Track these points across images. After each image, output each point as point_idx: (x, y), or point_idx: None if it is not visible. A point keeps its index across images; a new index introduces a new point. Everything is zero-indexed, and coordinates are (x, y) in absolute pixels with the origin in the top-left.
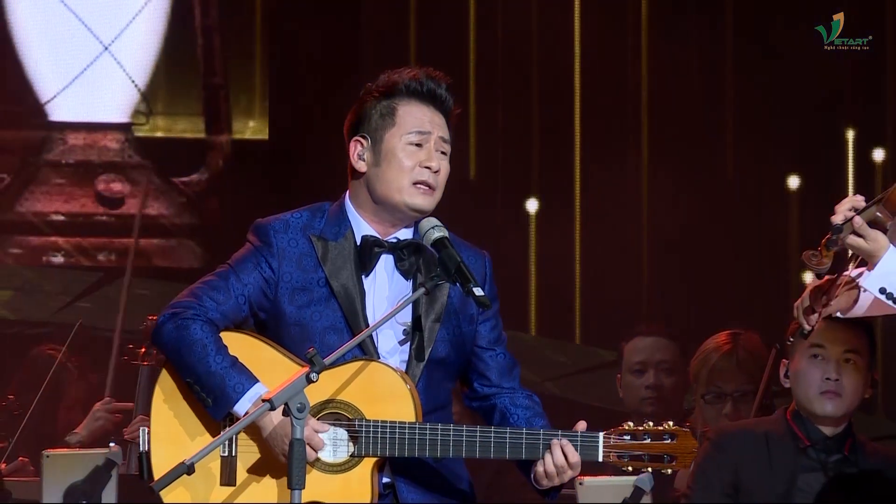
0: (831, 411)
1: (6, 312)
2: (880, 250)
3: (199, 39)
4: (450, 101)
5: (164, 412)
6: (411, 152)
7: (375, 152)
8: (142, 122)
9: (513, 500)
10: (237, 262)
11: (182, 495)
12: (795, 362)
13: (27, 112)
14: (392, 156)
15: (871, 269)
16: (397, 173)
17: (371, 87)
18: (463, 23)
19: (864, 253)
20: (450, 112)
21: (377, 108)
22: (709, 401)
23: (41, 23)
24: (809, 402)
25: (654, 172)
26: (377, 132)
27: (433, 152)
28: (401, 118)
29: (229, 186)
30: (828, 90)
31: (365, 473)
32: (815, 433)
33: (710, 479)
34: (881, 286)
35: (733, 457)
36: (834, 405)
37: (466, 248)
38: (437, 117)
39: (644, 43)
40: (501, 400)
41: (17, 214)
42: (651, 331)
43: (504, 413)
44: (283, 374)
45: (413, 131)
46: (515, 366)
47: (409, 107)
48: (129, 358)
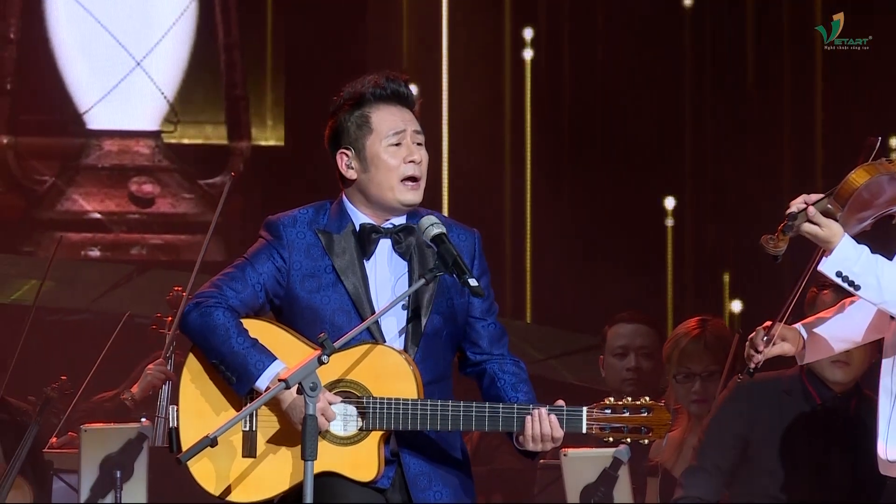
0: (840, 378)
1: (48, 301)
2: (835, 237)
3: (222, 55)
4: (412, 96)
5: (192, 391)
6: (393, 152)
7: (361, 160)
8: (170, 130)
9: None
10: (252, 255)
11: (207, 466)
12: None
13: (67, 121)
14: (378, 160)
15: (828, 254)
16: (386, 174)
17: (340, 101)
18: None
19: (819, 239)
20: (414, 104)
21: (351, 119)
22: (679, 380)
23: (80, 41)
24: (822, 368)
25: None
26: (358, 142)
27: (412, 146)
28: (376, 124)
29: (249, 188)
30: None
31: (372, 445)
32: (825, 392)
33: (722, 426)
34: (837, 270)
35: (746, 408)
36: (843, 373)
37: (457, 227)
38: (406, 113)
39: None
40: (491, 366)
41: (58, 213)
42: (632, 318)
43: (493, 377)
44: (298, 356)
45: (390, 134)
46: (504, 335)
47: (379, 112)
48: (157, 326)
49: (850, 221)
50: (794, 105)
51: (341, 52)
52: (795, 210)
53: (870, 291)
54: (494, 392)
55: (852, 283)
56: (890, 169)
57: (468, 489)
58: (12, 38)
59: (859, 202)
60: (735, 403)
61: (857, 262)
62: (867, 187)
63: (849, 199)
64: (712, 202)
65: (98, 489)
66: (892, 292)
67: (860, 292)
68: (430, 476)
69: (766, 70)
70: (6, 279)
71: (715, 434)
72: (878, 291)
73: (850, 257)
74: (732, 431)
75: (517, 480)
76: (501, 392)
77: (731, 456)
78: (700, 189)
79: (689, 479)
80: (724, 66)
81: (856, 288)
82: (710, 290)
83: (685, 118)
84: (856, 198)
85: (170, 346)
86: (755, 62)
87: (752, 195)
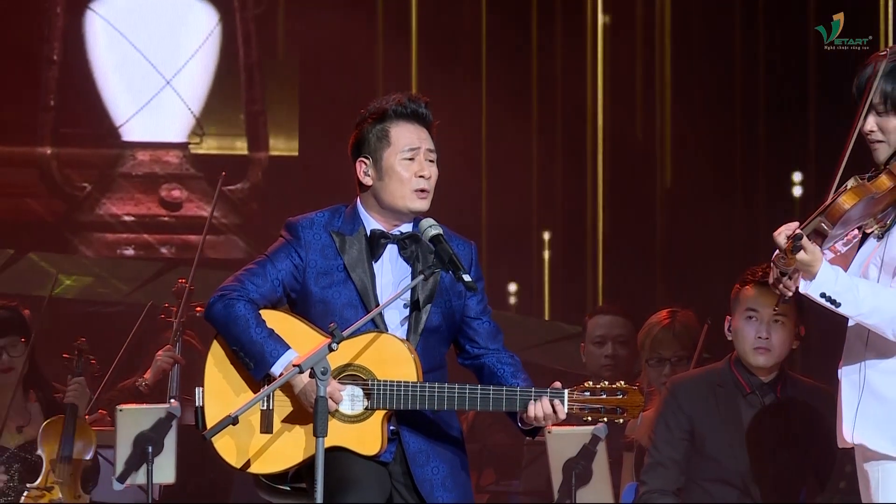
0: (763, 363)
1: (87, 295)
2: (817, 262)
3: (243, 74)
4: (430, 116)
5: (215, 375)
6: (406, 166)
7: (377, 169)
8: (196, 142)
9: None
10: (272, 253)
11: (228, 441)
12: (735, 321)
13: (104, 134)
14: (392, 171)
15: (810, 279)
16: (398, 185)
17: (365, 114)
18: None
19: (803, 263)
20: (431, 125)
21: (373, 131)
22: (652, 365)
23: (116, 62)
24: (746, 354)
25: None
26: (376, 153)
27: (424, 162)
28: (394, 139)
29: (267, 193)
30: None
31: (376, 423)
32: (753, 380)
33: (669, 424)
34: (822, 291)
35: (685, 404)
36: (765, 358)
37: (456, 239)
38: (422, 132)
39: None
40: (489, 359)
41: (96, 216)
42: (610, 310)
43: (492, 369)
44: (310, 344)
45: (405, 149)
46: (499, 332)
47: (398, 128)
48: (164, 316)
49: (833, 236)
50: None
51: (350, 73)
52: (783, 241)
53: (849, 307)
54: (496, 381)
55: (834, 301)
56: (871, 190)
57: (463, 464)
58: (55, 59)
59: (843, 221)
60: (675, 401)
61: (836, 282)
62: (854, 208)
63: (839, 219)
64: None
65: (132, 463)
66: (867, 305)
67: (840, 309)
68: (429, 453)
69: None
70: (49, 275)
71: (663, 431)
72: (855, 306)
73: (830, 278)
74: (677, 427)
75: (506, 456)
76: (503, 380)
77: (681, 448)
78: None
79: (649, 475)
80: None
81: (836, 305)
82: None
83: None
84: (844, 218)
85: (177, 332)
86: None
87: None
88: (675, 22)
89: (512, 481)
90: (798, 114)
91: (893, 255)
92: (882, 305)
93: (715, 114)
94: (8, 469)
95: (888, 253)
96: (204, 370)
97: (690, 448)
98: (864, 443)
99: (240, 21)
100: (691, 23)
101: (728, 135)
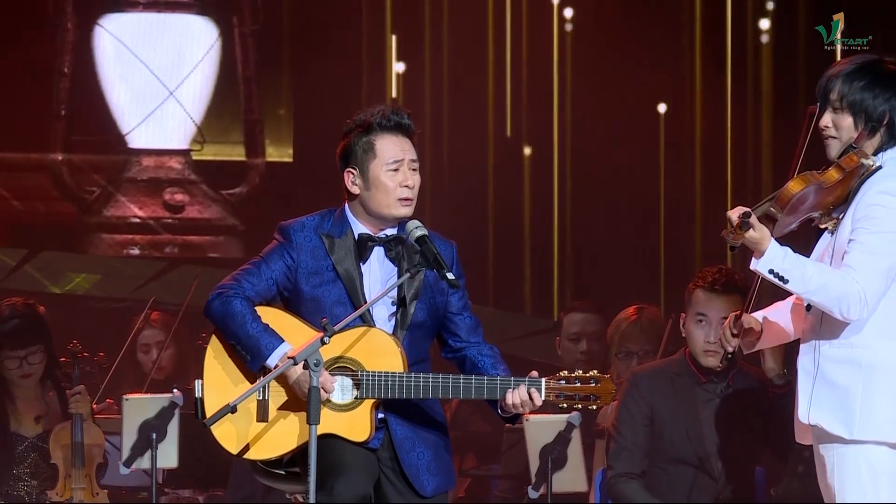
0: (712, 364)
1: (96, 291)
2: (765, 240)
3: (241, 86)
4: (412, 127)
5: (214, 367)
6: (391, 176)
7: (364, 179)
8: (198, 149)
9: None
10: (266, 254)
11: (228, 429)
12: (687, 322)
13: (112, 141)
14: (378, 181)
15: (759, 256)
16: (384, 195)
17: (352, 125)
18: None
19: (752, 240)
20: (413, 135)
21: (359, 143)
22: (620, 358)
23: (123, 74)
24: (697, 355)
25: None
26: (363, 164)
27: (407, 172)
28: (379, 151)
29: (263, 197)
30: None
31: (365, 411)
32: (707, 371)
33: (631, 412)
34: (770, 267)
35: (646, 393)
36: (714, 360)
37: (439, 239)
38: (406, 143)
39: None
40: (470, 351)
41: (104, 218)
42: (584, 307)
43: (473, 361)
44: (303, 337)
45: (390, 161)
46: (479, 325)
47: (383, 140)
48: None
49: (784, 222)
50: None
51: (340, 84)
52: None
53: (796, 284)
54: (477, 372)
55: (782, 277)
56: (818, 179)
57: (447, 449)
58: (66, 71)
59: (792, 207)
60: (636, 390)
61: (784, 259)
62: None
63: (787, 203)
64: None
65: (137, 449)
66: (813, 283)
67: (788, 285)
68: (414, 439)
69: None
70: (61, 273)
71: (626, 418)
72: (802, 283)
73: (777, 256)
74: (639, 413)
75: (487, 442)
76: (483, 371)
77: (643, 433)
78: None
79: (616, 459)
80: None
81: (784, 282)
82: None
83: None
84: (792, 203)
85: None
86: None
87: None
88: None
89: (492, 466)
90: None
91: (842, 241)
92: (828, 283)
93: (706, 115)
94: (24, 459)
95: (838, 242)
96: (203, 362)
97: (651, 433)
98: (820, 423)
99: (238, 37)
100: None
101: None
